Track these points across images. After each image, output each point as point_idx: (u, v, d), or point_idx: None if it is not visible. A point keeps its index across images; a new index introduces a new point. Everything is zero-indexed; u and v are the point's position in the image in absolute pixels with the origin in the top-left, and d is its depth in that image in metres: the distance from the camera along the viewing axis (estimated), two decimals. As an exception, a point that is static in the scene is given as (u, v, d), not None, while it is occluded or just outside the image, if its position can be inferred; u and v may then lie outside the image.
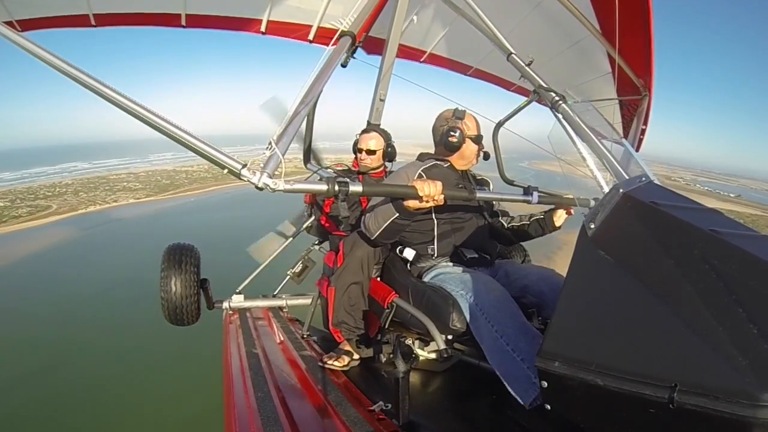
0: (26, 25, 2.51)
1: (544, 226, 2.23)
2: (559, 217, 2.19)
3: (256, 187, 1.35)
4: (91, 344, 17.69)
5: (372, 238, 1.94)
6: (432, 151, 2.25)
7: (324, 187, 1.47)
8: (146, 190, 55.48)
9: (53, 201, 48.20)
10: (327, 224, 2.91)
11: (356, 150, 2.84)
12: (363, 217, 2.01)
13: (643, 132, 3.66)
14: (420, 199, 1.63)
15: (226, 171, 1.37)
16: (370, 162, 2.78)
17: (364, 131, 2.86)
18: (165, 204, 47.73)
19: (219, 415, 1.79)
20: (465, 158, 2.17)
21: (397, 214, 1.77)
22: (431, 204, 1.67)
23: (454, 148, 2.11)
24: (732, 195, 72.69)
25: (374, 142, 2.76)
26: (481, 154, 2.21)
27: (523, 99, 3.22)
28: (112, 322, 18.71)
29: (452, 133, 2.08)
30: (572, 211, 2.16)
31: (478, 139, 2.16)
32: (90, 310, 20.84)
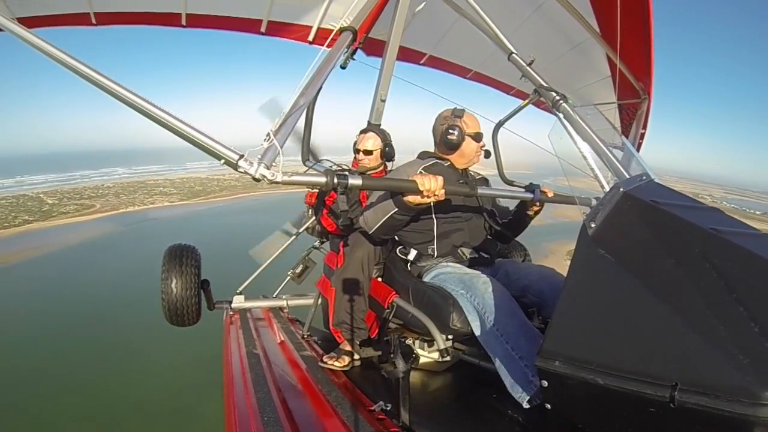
0: (27, 23, 2.50)
1: (522, 209, 2.24)
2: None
3: (254, 179, 1.32)
4: (124, 315, 21.88)
5: (370, 233, 1.93)
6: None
7: (323, 179, 1.44)
8: (180, 194, 60.99)
9: (97, 201, 55.55)
10: (327, 224, 2.91)
11: (355, 150, 2.84)
12: (362, 214, 2.00)
13: (642, 136, 3.68)
14: (420, 194, 1.60)
15: (222, 162, 1.33)
16: (368, 162, 2.77)
17: (363, 131, 2.86)
18: (196, 208, 54.21)
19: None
20: (465, 156, 2.15)
21: (396, 209, 1.75)
22: (432, 199, 1.64)
23: (454, 146, 2.11)
24: (758, 212, 71.77)
25: (371, 142, 2.76)
26: (482, 152, 2.20)
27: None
28: (143, 296, 21.76)
29: (451, 131, 2.08)
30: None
31: (477, 137, 2.15)
32: (126, 288, 25.04)
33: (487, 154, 2.26)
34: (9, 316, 21.96)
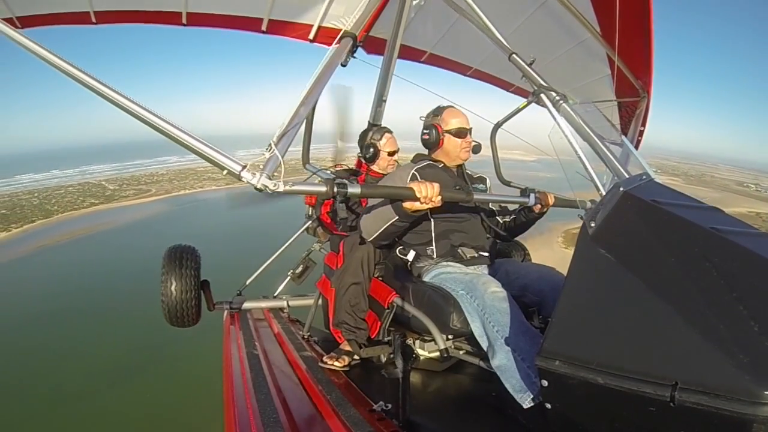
0: (26, 21, 2.50)
1: (528, 213, 2.23)
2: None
3: (255, 188, 1.35)
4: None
5: (368, 240, 1.94)
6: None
7: (323, 188, 1.48)
8: (226, 179, 66.31)
9: (152, 186, 63.83)
10: (327, 222, 2.90)
11: (375, 154, 2.71)
12: (359, 220, 2.00)
13: (641, 133, 3.68)
14: (418, 200, 1.63)
15: (225, 172, 1.37)
16: (393, 163, 2.74)
17: (384, 133, 2.77)
18: (239, 191, 58.90)
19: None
20: (449, 154, 2.13)
21: (397, 217, 1.77)
22: (429, 205, 1.66)
23: (431, 145, 2.13)
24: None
25: (396, 141, 2.74)
26: (470, 146, 2.14)
27: (523, 100, 3.22)
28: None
29: (425, 131, 2.11)
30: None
31: (459, 133, 2.09)
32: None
33: (476, 149, 2.20)
34: (95, 270, 30.92)
